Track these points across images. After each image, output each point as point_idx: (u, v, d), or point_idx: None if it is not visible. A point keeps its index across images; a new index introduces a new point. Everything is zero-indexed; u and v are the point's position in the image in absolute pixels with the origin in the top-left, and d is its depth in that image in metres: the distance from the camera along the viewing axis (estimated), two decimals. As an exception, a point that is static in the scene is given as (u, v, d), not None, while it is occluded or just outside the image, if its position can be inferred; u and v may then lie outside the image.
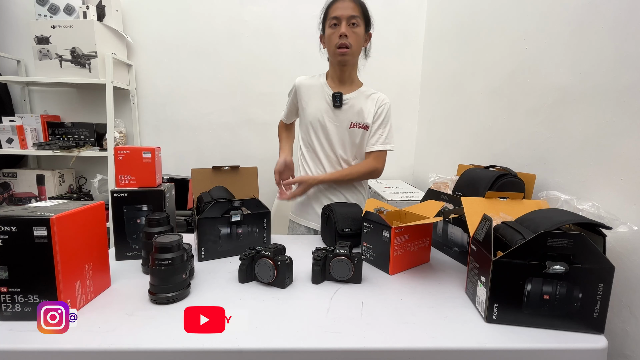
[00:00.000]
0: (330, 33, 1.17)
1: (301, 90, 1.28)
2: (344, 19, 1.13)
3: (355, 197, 1.33)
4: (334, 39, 1.16)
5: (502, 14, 1.30)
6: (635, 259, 0.74)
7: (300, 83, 1.29)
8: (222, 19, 2.10)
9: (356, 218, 1.03)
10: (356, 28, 1.15)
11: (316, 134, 1.26)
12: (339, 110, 1.24)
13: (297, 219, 1.36)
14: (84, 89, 2.11)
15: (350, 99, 1.24)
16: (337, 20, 1.14)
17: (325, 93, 1.25)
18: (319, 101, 1.25)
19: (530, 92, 1.11)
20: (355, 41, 1.16)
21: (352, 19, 1.14)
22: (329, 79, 1.28)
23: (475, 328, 0.64)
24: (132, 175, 0.91)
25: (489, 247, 0.65)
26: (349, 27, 1.14)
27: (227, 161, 2.05)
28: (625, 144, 0.77)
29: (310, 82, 1.29)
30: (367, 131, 1.26)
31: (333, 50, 1.17)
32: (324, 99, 1.25)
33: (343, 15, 1.13)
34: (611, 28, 0.83)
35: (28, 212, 0.61)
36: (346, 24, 1.13)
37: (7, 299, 0.60)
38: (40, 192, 1.96)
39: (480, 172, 1.06)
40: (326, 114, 1.24)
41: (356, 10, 1.14)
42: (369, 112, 1.25)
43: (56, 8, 1.88)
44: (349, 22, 1.14)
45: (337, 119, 1.24)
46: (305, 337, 0.59)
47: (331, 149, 1.27)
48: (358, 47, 1.18)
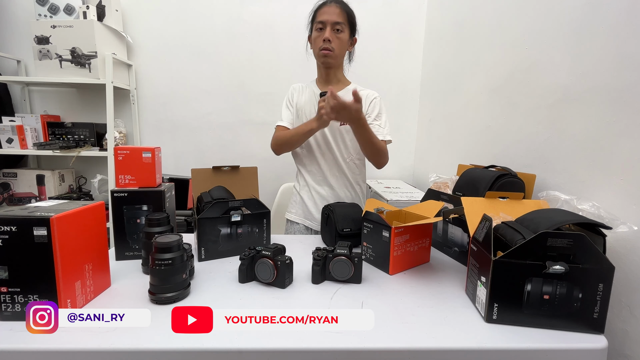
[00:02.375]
0: (316, 36, 1.22)
1: (295, 94, 1.34)
2: (328, 24, 1.19)
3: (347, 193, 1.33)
4: (318, 42, 1.22)
5: (502, 14, 1.30)
6: (635, 259, 0.74)
7: (294, 87, 1.36)
8: (222, 18, 2.10)
9: (356, 218, 1.03)
10: (340, 34, 1.20)
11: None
12: None
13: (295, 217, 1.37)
14: (84, 89, 2.10)
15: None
16: (323, 24, 1.20)
17: (314, 93, 1.30)
18: (309, 102, 1.30)
19: (530, 92, 1.11)
20: (338, 45, 1.21)
21: (337, 25, 1.19)
22: (317, 81, 1.34)
23: (475, 328, 0.64)
24: (132, 175, 0.91)
25: (489, 247, 0.65)
26: (333, 33, 1.19)
27: (227, 161, 2.05)
28: (625, 144, 0.77)
29: (301, 86, 1.36)
30: None
31: (317, 52, 1.24)
32: (314, 99, 1.29)
33: (328, 20, 1.18)
34: (611, 28, 0.83)
35: (28, 212, 0.61)
36: (330, 29, 1.19)
37: (7, 299, 0.60)
38: (40, 192, 1.96)
39: (480, 172, 1.06)
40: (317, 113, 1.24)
41: (341, 16, 1.20)
42: None
43: (56, 8, 1.88)
44: (334, 27, 1.19)
45: None
46: (305, 337, 0.59)
47: (327, 148, 1.29)
48: (341, 51, 1.24)
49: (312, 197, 1.33)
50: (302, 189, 1.36)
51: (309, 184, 1.33)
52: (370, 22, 2.12)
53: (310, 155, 1.31)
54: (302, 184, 1.36)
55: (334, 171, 1.31)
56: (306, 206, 1.34)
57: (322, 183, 1.32)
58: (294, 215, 1.38)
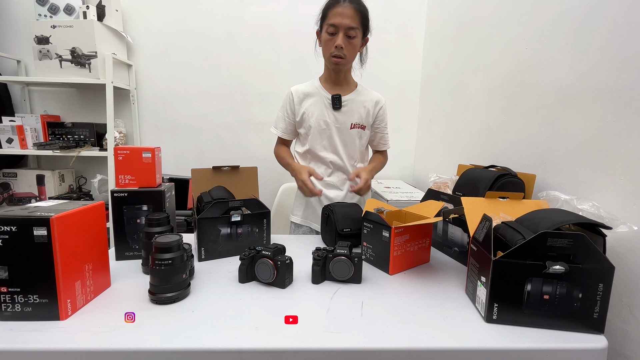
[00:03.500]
0: (327, 39, 1.15)
1: (298, 97, 1.26)
2: (342, 29, 1.11)
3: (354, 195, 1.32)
4: (329, 46, 1.15)
5: (502, 14, 1.30)
6: (635, 259, 0.74)
7: (296, 90, 1.27)
8: (222, 19, 2.10)
9: (356, 218, 1.03)
10: (353, 39, 1.14)
11: (320, 138, 1.26)
12: (339, 112, 1.25)
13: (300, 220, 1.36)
14: (84, 89, 2.10)
15: (348, 101, 1.25)
16: (335, 28, 1.12)
17: (323, 97, 1.25)
18: (318, 105, 1.25)
19: (530, 92, 1.11)
20: (350, 51, 1.16)
21: (350, 30, 1.12)
22: (324, 82, 1.27)
23: (475, 328, 0.64)
24: (132, 175, 0.91)
25: (489, 247, 0.65)
26: (345, 39, 1.12)
27: (227, 161, 2.06)
28: (625, 144, 0.77)
29: (305, 89, 1.27)
30: (365, 131, 1.29)
31: (328, 57, 1.18)
32: (323, 102, 1.25)
33: (342, 24, 1.11)
34: (611, 28, 0.83)
35: (28, 212, 0.60)
36: (343, 35, 1.12)
37: (7, 299, 0.60)
38: (40, 192, 1.96)
39: (480, 172, 1.06)
40: (327, 117, 1.25)
41: (355, 20, 1.12)
42: (368, 112, 1.27)
43: (56, 8, 1.88)
44: (347, 33, 1.12)
45: (338, 121, 1.25)
46: (305, 337, 0.59)
47: (335, 151, 1.27)
48: (353, 55, 1.20)
49: (319, 199, 1.30)
50: None
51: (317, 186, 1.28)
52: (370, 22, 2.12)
53: (318, 158, 1.28)
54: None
55: (341, 174, 1.30)
56: (313, 208, 1.32)
57: (330, 187, 1.30)
58: (299, 218, 1.36)
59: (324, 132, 1.25)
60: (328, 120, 1.25)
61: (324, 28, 1.17)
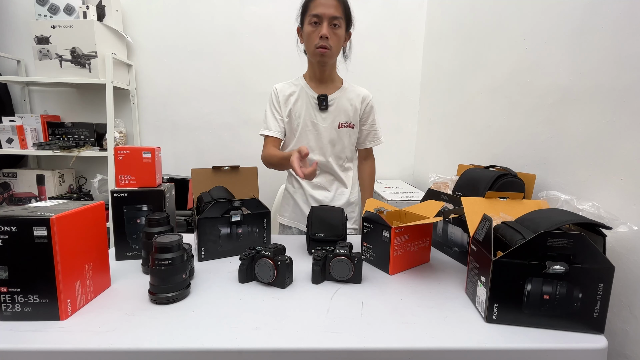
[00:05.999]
0: (311, 31, 1.11)
1: (283, 95, 1.23)
2: (325, 19, 1.08)
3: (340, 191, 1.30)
4: (313, 38, 1.11)
5: (502, 14, 1.30)
6: (635, 259, 0.74)
7: (280, 88, 1.23)
8: (222, 18, 2.10)
9: (334, 224, 0.97)
10: (337, 29, 1.11)
11: (307, 138, 1.24)
12: (326, 112, 1.23)
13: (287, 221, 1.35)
14: (84, 89, 2.11)
15: (335, 99, 1.23)
16: (318, 18, 1.08)
17: (309, 96, 1.22)
18: (304, 105, 1.22)
19: (530, 92, 1.11)
20: (335, 42, 1.12)
21: (334, 19, 1.09)
22: (309, 80, 1.24)
23: (475, 328, 0.64)
24: (132, 175, 0.91)
25: (489, 247, 0.65)
26: (330, 28, 1.09)
27: (227, 161, 2.06)
28: (625, 144, 0.77)
29: (289, 88, 1.24)
30: (354, 129, 1.27)
31: (312, 50, 1.13)
32: (309, 102, 1.22)
33: (325, 14, 1.08)
34: (611, 28, 0.83)
35: (28, 212, 0.60)
36: (327, 24, 1.08)
37: (7, 299, 0.60)
38: (40, 192, 1.96)
39: (480, 172, 1.06)
40: (314, 117, 1.23)
41: (339, 10, 1.09)
42: (355, 110, 1.25)
43: (56, 8, 1.88)
44: (331, 22, 1.09)
45: (325, 120, 1.23)
46: (305, 337, 0.59)
47: (322, 152, 1.25)
48: (338, 48, 1.15)
49: (307, 201, 1.28)
50: (296, 192, 1.31)
51: (304, 187, 1.29)
52: (370, 22, 2.13)
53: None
54: (296, 186, 1.31)
55: (329, 175, 1.28)
56: (300, 210, 1.29)
57: (317, 187, 1.28)
58: (287, 220, 1.34)
59: (312, 132, 1.23)
60: (315, 120, 1.22)
61: (305, 21, 1.13)
